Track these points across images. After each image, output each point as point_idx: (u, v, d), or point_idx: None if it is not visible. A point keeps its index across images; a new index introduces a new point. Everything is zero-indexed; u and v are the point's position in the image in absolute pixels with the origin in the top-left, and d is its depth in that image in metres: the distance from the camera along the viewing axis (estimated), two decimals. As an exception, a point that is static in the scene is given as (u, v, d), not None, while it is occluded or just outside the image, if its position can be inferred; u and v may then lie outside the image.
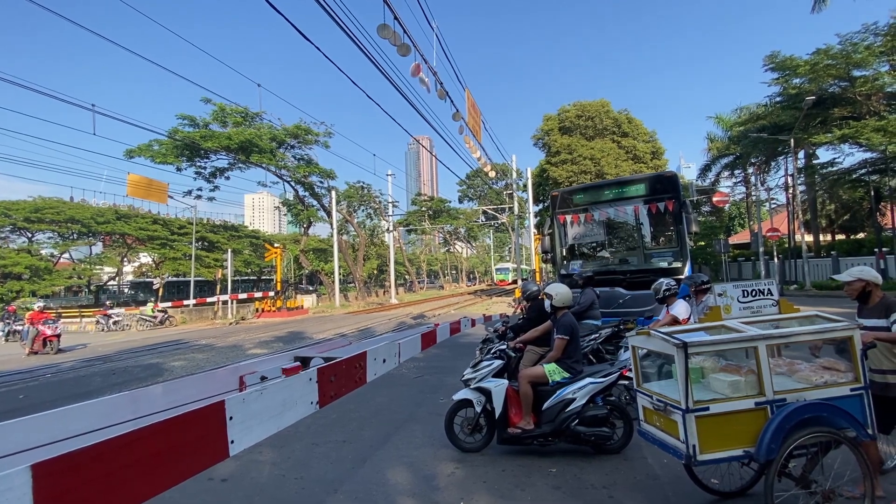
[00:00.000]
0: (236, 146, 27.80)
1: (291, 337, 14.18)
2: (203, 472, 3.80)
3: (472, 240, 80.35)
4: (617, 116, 32.04)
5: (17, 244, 35.57)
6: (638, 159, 30.87)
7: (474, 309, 23.74)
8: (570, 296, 4.40)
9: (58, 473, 2.06)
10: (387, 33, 6.34)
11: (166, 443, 2.64)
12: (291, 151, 32.12)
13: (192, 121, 27.93)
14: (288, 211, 38.69)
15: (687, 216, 8.60)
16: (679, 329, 2.96)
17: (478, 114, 12.10)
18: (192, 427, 2.94)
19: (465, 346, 9.94)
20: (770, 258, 26.27)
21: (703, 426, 2.49)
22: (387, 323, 17.54)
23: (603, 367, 4.27)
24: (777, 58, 23.37)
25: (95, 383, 8.29)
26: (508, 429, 4.11)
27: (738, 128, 28.84)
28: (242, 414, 3.43)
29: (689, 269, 8.58)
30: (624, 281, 9.02)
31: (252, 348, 11.97)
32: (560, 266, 10.40)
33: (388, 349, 6.81)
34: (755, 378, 2.57)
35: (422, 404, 5.92)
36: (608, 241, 10.24)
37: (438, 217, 57.47)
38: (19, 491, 1.94)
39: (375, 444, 4.54)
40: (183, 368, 9.21)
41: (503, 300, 29.64)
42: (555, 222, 10.31)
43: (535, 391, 4.12)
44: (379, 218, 49.79)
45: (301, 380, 4.41)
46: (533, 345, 5.20)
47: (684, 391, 2.49)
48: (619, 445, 4.00)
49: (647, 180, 9.50)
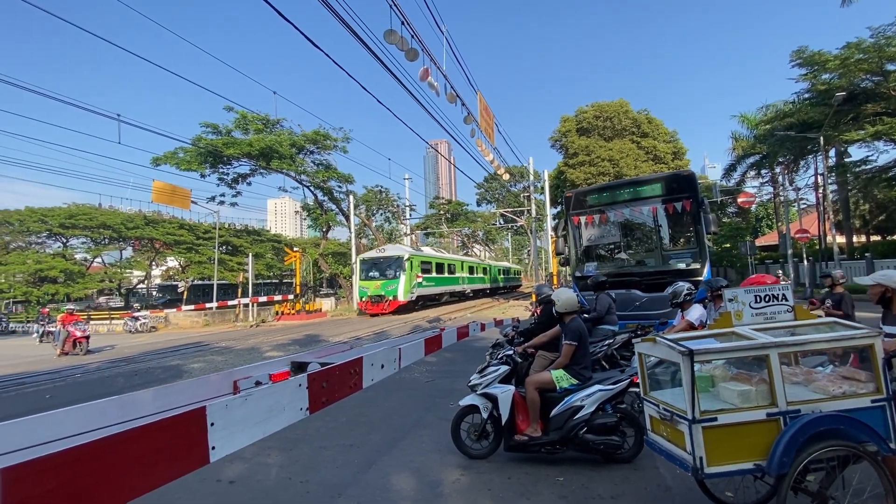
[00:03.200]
0: (257, 152, 28.45)
1: (307, 340, 14.35)
2: (211, 474, 3.87)
3: (490, 243, 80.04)
4: (636, 117, 31.46)
5: (53, 249, 37.21)
6: (658, 160, 30.22)
7: (491, 312, 23.59)
8: (574, 301, 4.30)
9: (28, 478, 2.06)
10: (394, 38, 6.36)
11: (144, 447, 2.66)
12: (311, 157, 32.70)
13: (215, 128, 28.72)
14: (308, 215, 39.37)
15: (706, 216, 8.35)
16: (687, 336, 2.85)
17: (491, 117, 12.04)
18: (170, 433, 2.97)
19: (478, 350, 9.86)
20: (800, 260, 25.30)
21: (711, 437, 2.39)
22: (402, 326, 17.57)
23: (613, 374, 4.16)
24: (804, 53, 22.55)
25: (118, 384, 8.55)
26: (515, 436, 4.04)
27: (765, 126, 27.89)
28: (225, 420, 3.46)
29: (709, 271, 8.32)
30: (640, 283, 8.81)
31: (268, 351, 12.16)
32: (575, 268, 10.25)
33: (387, 354, 6.79)
34: (767, 387, 2.45)
35: (431, 409, 5.89)
36: (624, 242, 10.03)
37: (456, 220, 57.44)
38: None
39: (382, 449, 4.53)
40: (201, 370, 9.42)
41: (520, 304, 29.38)
42: (569, 224, 10.17)
43: (542, 398, 4.04)
44: (397, 221, 50.13)
45: (289, 386, 4.43)
46: (544, 350, 5.11)
47: (690, 401, 2.39)
48: (629, 455, 3.89)
49: (664, 180, 9.28)
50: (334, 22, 7.14)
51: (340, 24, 7.03)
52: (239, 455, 4.25)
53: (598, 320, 6.90)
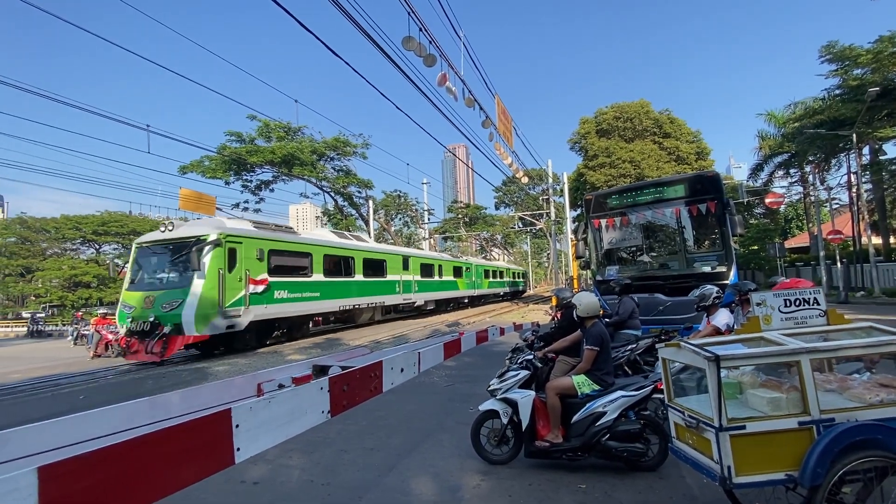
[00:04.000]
0: (280, 160, 29.10)
1: (328, 343, 14.51)
2: (236, 475, 3.95)
3: (509, 246, 79.63)
4: (658, 117, 30.89)
5: (87, 255, 38.79)
6: (681, 161, 29.58)
7: (510, 316, 23.44)
8: (596, 305, 4.24)
9: (64, 475, 2.16)
10: (412, 45, 6.44)
11: (172, 448, 2.75)
12: (331, 163, 33.28)
13: (239, 137, 29.53)
14: (328, 220, 39.96)
15: (731, 218, 8.14)
16: (713, 341, 2.78)
17: (508, 120, 12.02)
18: (198, 434, 3.06)
19: (498, 355, 9.80)
20: (833, 263, 24.33)
21: (740, 446, 2.32)
22: (422, 330, 17.62)
23: (636, 380, 4.08)
24: (834, 48, 21.80)
25: (148, 385, 8.82)
26: (536, 441, 4.00)
27: (793, 124, 27.02)
28: (249, 422, 3.54)
29: (735, 274, 8.09)
30: (664, 287, 8.64)
31: (290, 354, 12.35)
32: (596, 272, 10.11)
33: (407, 359, 6.82)
34: (798, 395, 2.37)
35: (451, 413, 5.88)
36: (646, 245, 9.84)
37: (474, 224, 57.43)
38: (25, 492, 2.03)
39: (403, 453, 4.55)
40: (226, 373, 9.63)
41: (540, 308, 29.11)
42: (589, 227, 10.05)
43: (563, 403, 3.99)
44: (415, 226, 50.42)
45: (312, 389, 4.50)
46: (565, 355, 5.05)
47: (717, 407, 2.33)
48: (654, 463, 3.80)
49: (687, 181, 9.09)
50: (354, 31, 7.29)
51: (360, 33, 7.16)
52: (262, 457, 4.33)
53: (621, 325, 6.78)
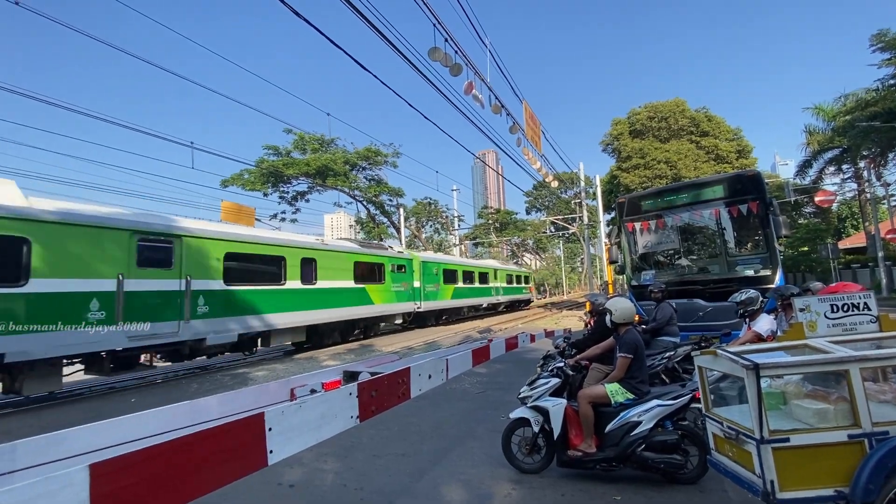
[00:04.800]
0: (314, 171, 30.04)
1: (362, 349, 14.76)
2: (273, 477, 4.09)
3: (540, 251, 78.59)
4: (694, 115, 29.82)
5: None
6: (721, 159, 28.40)
7: (543, 323, 23.08)
8: (631, 311, 4.14)
9: (113, 473, 2.37)
10: (438, 56, 6.53)
11: (210, 449, 2.90)
12: (363, 173, 34.01)
13: (276, 150, 30.70)
14: (361, 229, 40.80)
15: (775, 219, 7.75)
16: (753, 349, 2.66)
17: (537, 125, 11.94)
18: (234, 436, 3.21)
19: (530, 362, 9.68)
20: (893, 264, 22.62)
21: (783, 459, 2.20)
22: (453, 336, 17.62)
23: (673, 389, 3.94)
24: (887, 36, 20.46)
25: (192, 389, 9.26)
26: (568, 451, 3.93)
27: (843, 117, 25.44)
28: (281, 426, 3.67)
29: (781, 277, 7.68)
30: (704, 291, 8.30)
31: (325, 360, 12.65)
32: (631, 277, 9.85)
33: (435, 365, 6.84)
34: (848, 406, 2.23)
35: (482, 421, 5.86)
36: (684, 248, 9.49)
37: (505, 229, 57.05)
38: (79, 487, 2.27)
39: (434, 459, 4.56)
40: (265, 378, 9.98)
41: (574, 314, 28.51)
42: (622, 230, 9.81)
43: (596, 412, 3.91)
44: (446, 232, 50.64)
45: (341, 394, 4.61)
46: (599, 363, 4.95)
47: (758, 419, 2.22)
48: (693, 475, 3.64)
49: (726, 181, 8.73)
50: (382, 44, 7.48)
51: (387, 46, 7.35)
52: (298, 460, 4.46)
53: (658, 331, 6.58)
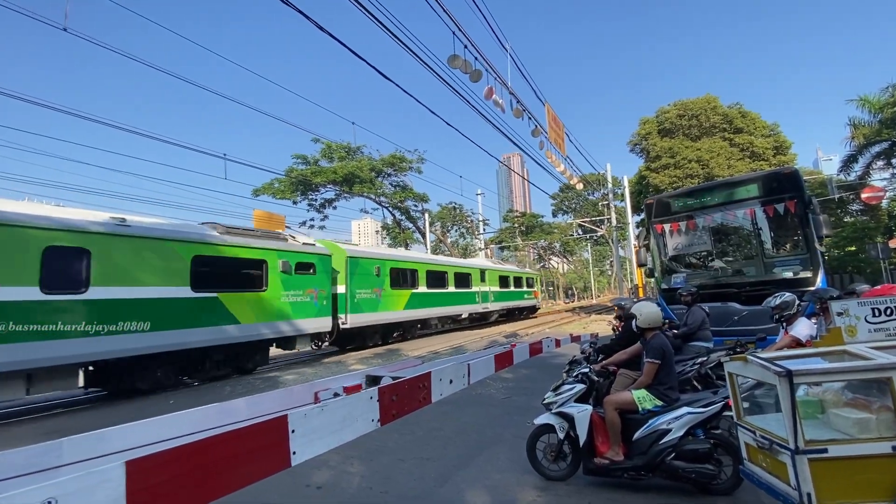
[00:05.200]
0: (341, 179, 30.71)
1: (388, 354, 14.90)
2: (301, 479, 4.18)
3: (568, 254, 77.37)
4: (727, 112, 28.77)
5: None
6: (757, 157, 27.25)
7: (570, 327, 22.69)
8: (657, 315, 4.03)
9: (147, 469, 2.54)
10: (457, 63, 6.58)
11: (237, 449, 3.02)
12: (388, 179, 34.51)
13: (304, 159, 31.56)
14: (387, 234, 41.31)
15: (815, 217, 7.39)
16: (787, 354, 2.55)
17: (560, 127, 11.81)
18: (259, 437, 3.34)
19: (556, 368, 9.53)
20: (952, 263, 21.06)
21: (821, 471, 2.09)
22: (479, 341, 17.55)
23: (704, 396, 3.81)
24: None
25: (225, 392, 9.57)
26: (595, 458, 3.85)
27: (892, 108, 23.99)
28: (304, 428, 3.79)
29: (823, 279, 7.30)
30: (739, 295, 7.99)
31: (353, 364, 12.84)
32: (661, 280, 9.57)
33: (456, 370, 6.84)
34: (892, 416, 2.10)
35: (508, 426, 5.81)
36: (717, 250, 9.16)
37: (531, 233, 56.52)
38: (116, 482, 2.48)
39: (458, 464, 4.56)
40: (294, 381, 10.21)
41: (603, 318, 27.90)
42: (651, 232, 9.56)
43: (623, 419, 3.82)
44: (471, 236, 50.60)
45: (362, 398, 4.69)
46: (627, 368, 4.84)
47: (792, 428, 2.13)
48: (727, 486, 3.50)
49: (761, 179, 8.39)
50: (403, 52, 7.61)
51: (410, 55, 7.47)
52: (325, 462, 4.54)
53: (690, 336, 6.37)
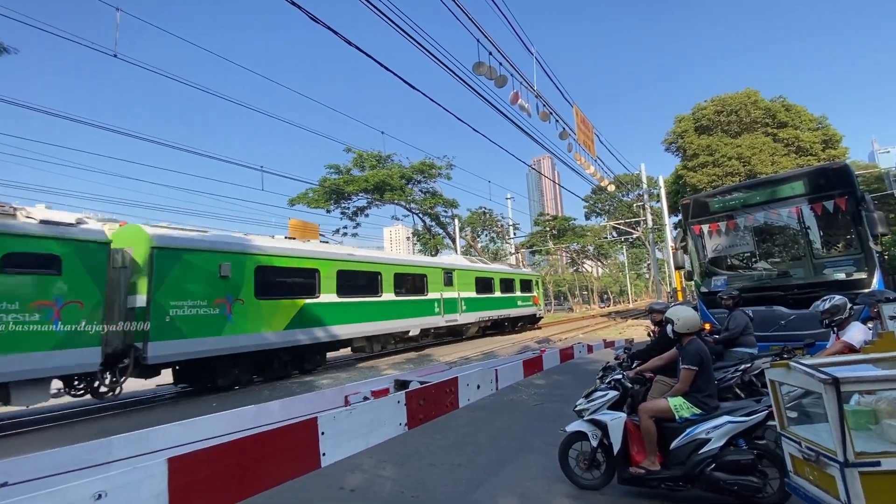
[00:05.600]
0: (372, 187, 31.36)
1: (420, 359, 15.01)
2: (335, 481, 4.28)
3: (602, 258, 75.56)
4: (769, 106, 27.42)
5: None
6: (804, 151, 25.80)
7: (605, 333, 22.10)
8: (695, 320, 3.89)
9: (187, 466, 2.72)
10: (482, 69, 6.61)
11: (270, 449, 3.18)
12: (418, 186, 34.93)
13: (337, 168, 32.44)
14: (418, 240, 41.72)
15: (868, 214, 6.93)
16: (834, 361, 2.41)
17: (589, 128, 11.59)
18: (290, 438, 3.49)
19: (589, 374, 9.32)
20: None
21: (874, 486, 1.96)
22: (510, 347, 17.38)
23: (746, 404, 3.64)
24: None
25: (264, 395, 9.91)
26: (630, 468, 3.74)
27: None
28: (333, 430, 3.91)
29: (880, 280, 6.82)
30: (786, 298, 7.58)
31: (386, 369, 13.01)
32: (700, 283, 9.21)
33: (483, 375, 6.80)
34: (954, 428, 1.95)
35: (540, 433, 5.74)
36: (761, 251, 8.73)
37: (563, 236, 55.58)
38: (159, 478, 2.68)
39: (489, 471, 4.54)
40: (328, 385, 10.46)
41: (640, 323, 27.02)
42: (689, 233, 9.23)
43: (659, 428, 3.70)
44: (501, 241, 50.32)
45: (389, 402, 4.77)
46: (664, 375, 4.69)
47: (840, 439, 2.01)
48: (773, 500, 3.31)
49: (807, 176, 7.95)
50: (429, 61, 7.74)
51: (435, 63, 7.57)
52: (358, 466, 4.63)
53: (732, 342, 6.10)
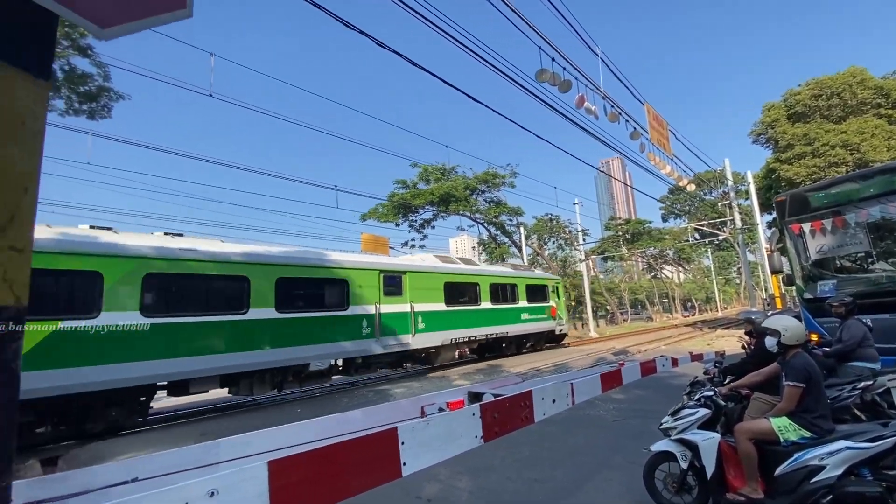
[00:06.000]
0: (438, 199, 32.08)
1: (490, 370, 14.90)
2: (412, 490, 4.37)
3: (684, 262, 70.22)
4: (881, 84, 23.97)
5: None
6: (930, 133, 22.21)
7: (691, 344, 20.43)
8: (800, 331, 3.49)
9: (284, 469, 2.97)
10: (545, 76, 6.50)
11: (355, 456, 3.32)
12: (482, 196, 35.09)
13: (404, 183, 33.65)
14: (483, 250, 41.72)
15: None
16: None
17: (664, 126, 10.90)
18: (374, 446, 3.63)
19: (675, 389, 8.65)
20: None
21: None
22: (584, 359, 16.66)
23: (870, 428, 3.17)
24: None
25: (343, 403, 10.41)
26: (728, 494, 3.42)
27: None
28: (412, 441, 4.00)
29: None
30: None
31: (456, 379, 13.08)
32: (803, 288, 8.22)
33: (558, 389, 6.55)
34: None
35: (620, 451, 5.43)
36: (879, 250, 7.61)
37: (638, 240, 52.53)
38: (260, 479, 2.92)
39: (568, 488, 4.38)
40: (402, 395, 10.73)
41: (731, 334, 24.61)
42: (785, 234, 8.32)
43: (760, 451, 3.35)
44: (570, 248, 48.69)
45: (464, 414, 4.78)
46: (764, 392, 4.24)
47: None
48: (910, 542, 2.85)
49: None
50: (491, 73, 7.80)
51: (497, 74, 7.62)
52: (434, 476, 4.69)
53: (847, 355, 5.37)
